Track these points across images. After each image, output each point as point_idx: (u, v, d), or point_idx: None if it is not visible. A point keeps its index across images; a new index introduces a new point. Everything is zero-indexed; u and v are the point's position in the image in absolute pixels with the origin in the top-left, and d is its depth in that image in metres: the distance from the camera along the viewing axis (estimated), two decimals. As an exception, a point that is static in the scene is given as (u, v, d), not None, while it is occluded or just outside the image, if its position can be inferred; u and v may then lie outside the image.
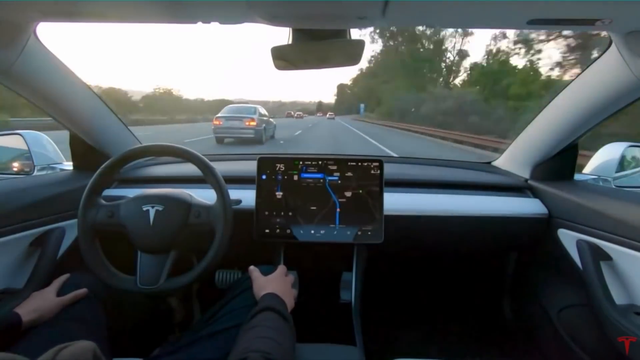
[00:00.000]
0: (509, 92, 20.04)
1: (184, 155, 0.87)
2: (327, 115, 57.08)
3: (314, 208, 0.97)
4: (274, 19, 0.64)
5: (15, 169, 1.40)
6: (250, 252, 1.04)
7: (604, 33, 0.72)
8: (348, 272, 1.02)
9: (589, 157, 1.32)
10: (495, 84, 22.64)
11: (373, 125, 26.67)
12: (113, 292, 0.82)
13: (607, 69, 0.80)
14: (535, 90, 18.28)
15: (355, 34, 0.72)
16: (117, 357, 0.74)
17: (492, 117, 16.54)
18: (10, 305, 0.72)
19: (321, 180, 0.98)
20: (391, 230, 0.96)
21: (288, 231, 0.97)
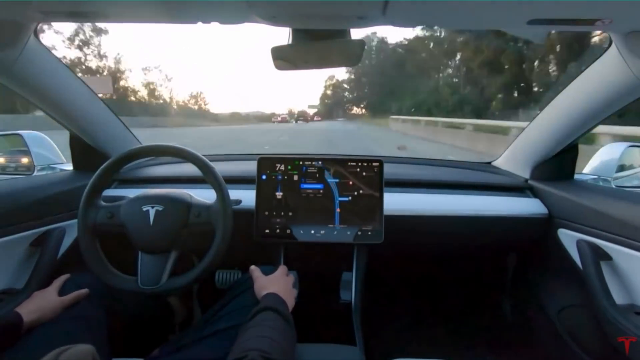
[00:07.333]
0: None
1: (184, 155, 0.87)
2: (316, 117, 52.40)
3: (314, 208, 0.97)
4: (274, 19, 0.64)
5: (15, 169, 1.41)
6: (250, 252, 1.04)
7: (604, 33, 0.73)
8: (348, 272, 1.02)
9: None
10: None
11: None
12: (113, 292, 0.82)
13: (607, 69, 0.80)
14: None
15: (355, 34, 0.72)
16: (117, 357, 0.74)
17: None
18: (11, 305, 0.72)
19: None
20: (391, 230, 0.96)
21: (288, 231, 0.96)
